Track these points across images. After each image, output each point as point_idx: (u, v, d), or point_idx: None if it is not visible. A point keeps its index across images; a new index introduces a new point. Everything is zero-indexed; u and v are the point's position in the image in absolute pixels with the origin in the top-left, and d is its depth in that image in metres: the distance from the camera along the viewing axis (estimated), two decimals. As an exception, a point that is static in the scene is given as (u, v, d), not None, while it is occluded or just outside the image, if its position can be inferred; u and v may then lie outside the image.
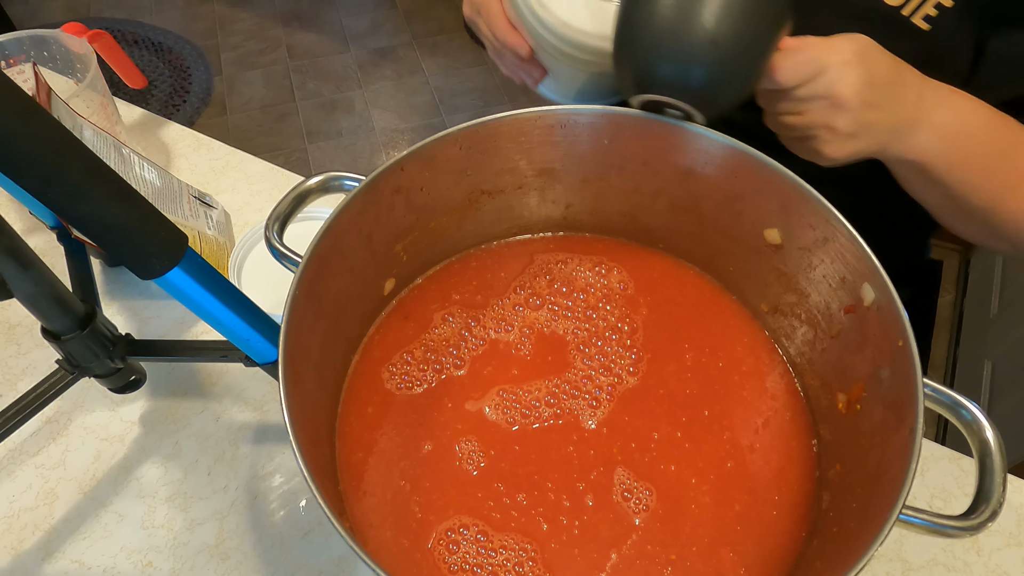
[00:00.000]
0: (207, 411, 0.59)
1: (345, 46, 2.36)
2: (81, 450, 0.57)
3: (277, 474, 0.56)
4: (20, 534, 0.53)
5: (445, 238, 0.54)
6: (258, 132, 2.10)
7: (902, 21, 0.50)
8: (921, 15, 0.50)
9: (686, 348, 0.51)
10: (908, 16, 0.50)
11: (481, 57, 2.33)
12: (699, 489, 0.45)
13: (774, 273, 0.49)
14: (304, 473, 0.34)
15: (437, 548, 0.42)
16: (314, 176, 0.46)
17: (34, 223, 0.71)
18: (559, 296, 0.53)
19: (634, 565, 0.42)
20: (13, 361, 0.62)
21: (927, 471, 0.55)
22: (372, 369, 0.50)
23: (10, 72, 0.69)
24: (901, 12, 0.50)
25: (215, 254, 0.64)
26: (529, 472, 0.45)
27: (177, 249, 0.36)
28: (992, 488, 0.36)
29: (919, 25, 0.50)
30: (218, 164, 0.78)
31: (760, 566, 0.42)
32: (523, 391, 0.48)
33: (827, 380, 0.47)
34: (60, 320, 0.44)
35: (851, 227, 0.42)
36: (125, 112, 0.82)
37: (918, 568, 0.51)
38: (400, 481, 0.45)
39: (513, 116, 0.48)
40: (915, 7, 0.50)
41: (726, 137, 0.46)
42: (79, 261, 0.55)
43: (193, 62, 2.28)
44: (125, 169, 0.60)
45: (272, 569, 0.51)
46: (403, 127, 2.13)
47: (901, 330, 0.38)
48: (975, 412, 0.37)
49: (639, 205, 0.53)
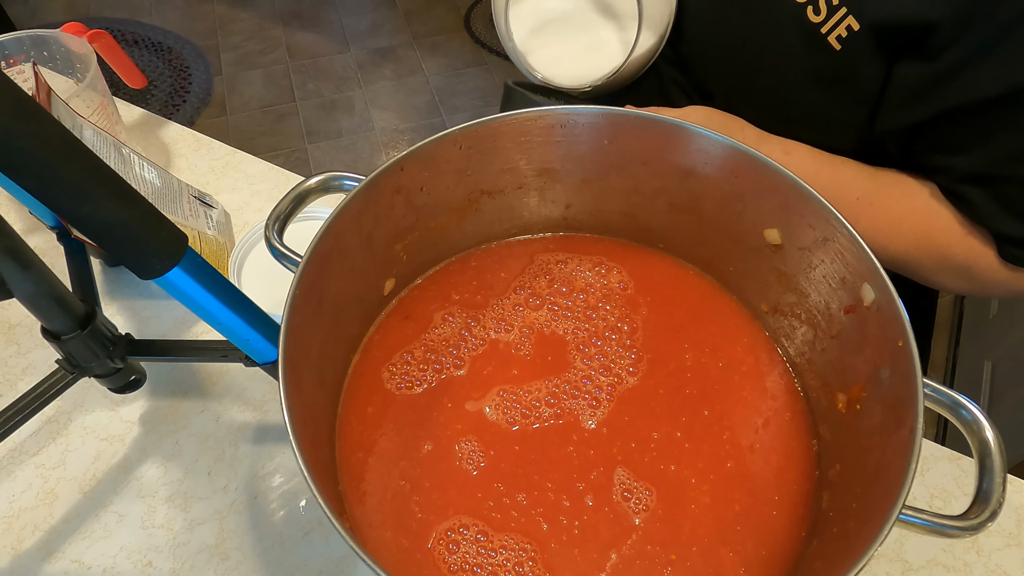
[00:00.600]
0: (207, 411, 0.59)
1: (345, 46, 2.36)
2: (81, 450, 0.57)
3: (277, 474, 0.56)
4: (20, 534, 0.53)
5: (445, 238, 0.54)
6: (258, 132, 2.10)
7: (820, 37, 0.54)
8: (835, 35, 0.54)
9: (686, 348, 0.51)
10: (825, 34, 0.54)
11: (481, 57, 2.33)
12: (699, 489, 0.45)
13: (774, 273, 0.49)
14: (304, 473, 0.34)
15: (437, 548, 0.42)
16: (314, 176, 0.46)
17: (34, 223, 0.71)
18: (559, 296, 0.53)
19: (634, 565, 0.42)
20: (13, 361, 0.62)
21: (927, 471, 0.55)
22: (372, 369, 0.50)
23: (10, 72, 0.69)
24: (820, 29, 0.54)
25: (215, 254, 0.64)
26: (529, 472, 0.45)
27: (177, 249, 0.36)
28: (992, 488, 0.36)
29: (832, 44, 0.54)
30: (218, 164, 0.78)
31: (760, 566, 0.42)
32: (523, 391, 0.48)
33: (827, 380, 0.47)
34: (60, 320, 0.44)
35: (851, 227, 0.42)
36: (125, 112, 0.82)
37: (918, 568, 0.51)
38: (400, 481, 0.45)
39: (513, 116, 0.48)
40: (831, 27, 0.54)
41: (726, 137, 0.46)
42: (79, 261, 0.55)
43: (193, 62, 2.28)
44: (125, 169, 0.60)
45: (272, 569, 0.51)
46: (403, 127, 2.13)
47: (901, 330, 0.38)
48: (975, 412, 0.37)
49: (639, 205, 0.53)
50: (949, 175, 0.56)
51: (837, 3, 0.53)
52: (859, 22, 0.52)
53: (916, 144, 0.56)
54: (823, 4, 0.53)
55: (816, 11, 0.54)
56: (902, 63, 0.53)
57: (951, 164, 0.55)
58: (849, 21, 0.52)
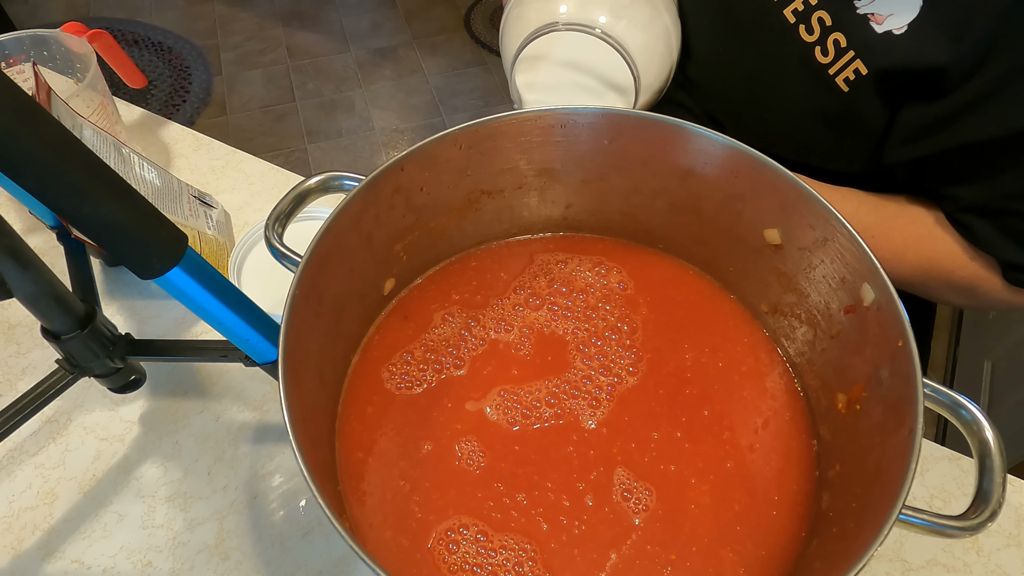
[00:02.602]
0: (207, 411, 0.59)
1: (345, 46, 2.36)
2: (81, 450, 0.57)
3: (277, 474, 0.56)
4: (20, 534, 0.53)
5: (445, 238, 0.54)
6: (258, 132, 2.10)
7: (828, 79, 0.55)
8: (842, 77, 0.54)
9: (686, 348, 0.51)
10: (833, 76, 0.54)
11: (481, 57, 2.33)
12: (699, 489, 0.45)
13: (774, 273, 0.49)
14: (304, 473, 0.34)
15: (437, 548, 0.42)
16: (314, 176, 0.46)
17: (34, 223, 0.71)
18: (559, 296, 0.53)
19: (634, 565, 0.42)
20: (13, 361, 0.62)
21: (927, 471, 0.55)
22: (372, 369, 0.50)
23: (10, 72, 0.69)
24: (828, 71, 0.55)
25: (215, 254, 0.64)
26: (529, 472, 0.45)
27: (177, 249, 0.36)
28: (992, 488, 0.36)
29: (840, 86, 0.54)
30: (218, 164, 0.78)
31: (760, 566, 0.42)
32: (523, 391, 0.48)
33: (827, 380, 0.47)
34: (60, 320, 0.44)
35: (851, 227, 0.42)
36: (125, 112, 0.82)
37: (918, 568, 0.51)
38: (400, 481, 0.45)
39: (513, 116, 0.48)
40: (839, 68, 0.54)
41: (726, 137, 0.46)
42: (79, 261, 0.55)
43: (193, 62, 2.28)
44: (125, 169, 0.60)
45: (272, 569, 0.51)
46: (403, 127, 2.13)
47: (901, 330, 0.38)
48: (975, 412, 0.37)
49: (639, 205, 0.53)
50: (954, 203, 0.57)
51: (845, 46, 0.53)
52: (867, 67, 0.52)
53: (922, 173, 0.57)
54: (831, 46, 0.54)
55: (824, 52, 0.54)
56: (908, 105, 0.53)
57: (955, 194, 0.56)
58: (857, 65, 0.53)
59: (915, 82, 0.52)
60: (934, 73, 0.50)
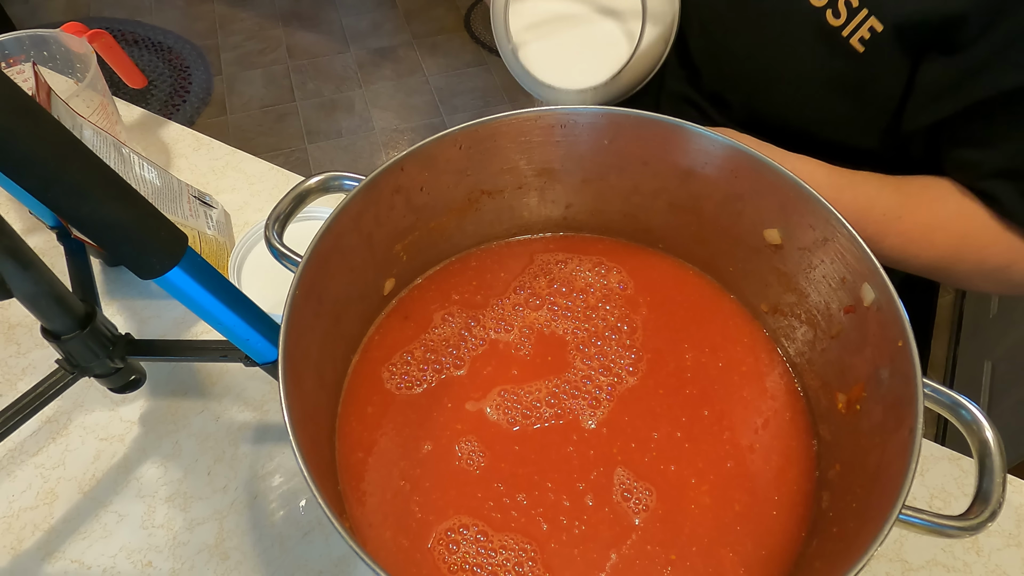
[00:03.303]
0: (207, 411, 0.59)
1: (345, 46, 2.36)
2: (81, 450, 0.57)
3: (277, 474, 0.56)
4: (20, 534, 0.53)
5: (445, 238, 0.54)
6: (258, 132, 2.10)
7: (841, 41, 0.53)
8: (857, 37, 0.52)
9: (686, 348, 0.51)
10: (847, 37, 0.53)
11: (481, 57, 2.33)
12: (699, 489, 0.45)
13: (774, 273, 0.49)
14: (304, 473, 0.34)
15: (437, 548, 0.42)
16: (314, 176, 0.46)
17: (34, 223, 0.71)
18: (559, 296, 0.53)
19: (634, 565, 0.42)
20: (13, 361, 0.62)
21: (927, 471, 0.55)
22: (372, 369, 0.50)
23: (10, 72, 0.69)
24: (841, 33, 0.53)
25: (215, 254, 0.64)
26: (529, 472, 0.45)
27: (177, 249, 0.36)
28: (992, 488, 0.36)
29: (855, 47, 0.53)
30: (218, 164, 0.78)
31: (760, 566, 0.42)
32: (523, 391, 0.48)
33: (827, 380, 0.47)
34: (60, 320, 0.44)
35: (851, 227, 0.42)
36: (125, 112, 0.82)
37: (918, 568, 0.51)
38: (400, 481, 0.45)
39: (513, 116, 0.48)
40: (852, 28, 0.52)
41: (726, 137, 0.46)
42: (79, 261, 0.55)
43: (193, 62, 2.28)
44: (125, 169, 0.60)
45: (272, 569, 0.51)
46: (403, 127, 2.13)
47: (901, 330, 0.38)
48: (975, 412, 0.37)
49: (639, 205, 0.53)
50: (975, 171, 0.55)
51: (857, 5, 0.51)
52: (882, 23, 0.51)
53: (940, 141, 0.55)
54: (843, 7, 0.52)
55: (836, 14, 0.53)
56: (926, 61, 0.52)
57: (977, 160, 0.54)
58: (872, 22, 0.51)
59: (933, 35, 0.50)
60: (952, 23, 0.48)
